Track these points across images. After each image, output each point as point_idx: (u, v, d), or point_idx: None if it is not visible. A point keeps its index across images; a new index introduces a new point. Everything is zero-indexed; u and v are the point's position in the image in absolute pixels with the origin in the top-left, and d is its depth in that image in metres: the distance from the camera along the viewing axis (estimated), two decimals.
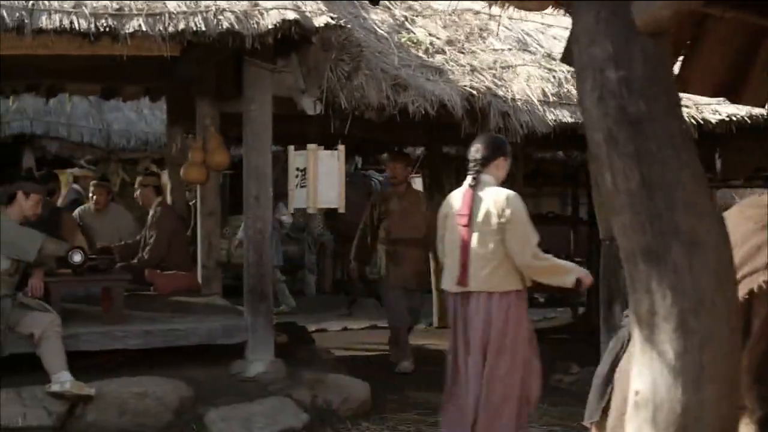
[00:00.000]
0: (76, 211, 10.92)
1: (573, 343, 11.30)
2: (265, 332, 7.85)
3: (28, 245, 7.41)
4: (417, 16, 9.03)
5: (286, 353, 8.17)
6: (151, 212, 10.13)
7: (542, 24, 9.67)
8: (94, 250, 9.66)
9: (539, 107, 8.02)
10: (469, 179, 6.15)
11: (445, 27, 8.93)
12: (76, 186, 14.55)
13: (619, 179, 2.69)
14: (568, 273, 6.25)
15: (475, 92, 7.82)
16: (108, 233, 10.59)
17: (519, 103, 7.96)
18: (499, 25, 8.89)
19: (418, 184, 12.66)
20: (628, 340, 3.70)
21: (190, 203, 11.28)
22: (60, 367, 7.08)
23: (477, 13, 9.40)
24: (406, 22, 8.80)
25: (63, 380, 6.99)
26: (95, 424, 7.04)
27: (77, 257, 7.54)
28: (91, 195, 10.90)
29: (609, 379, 4.03)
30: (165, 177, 11.14)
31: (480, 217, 6.06)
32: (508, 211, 6.01)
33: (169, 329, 7.76)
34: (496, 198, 6.06)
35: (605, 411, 4.01)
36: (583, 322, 12.92)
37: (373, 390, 8.00)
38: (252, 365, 7.77)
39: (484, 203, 6.07)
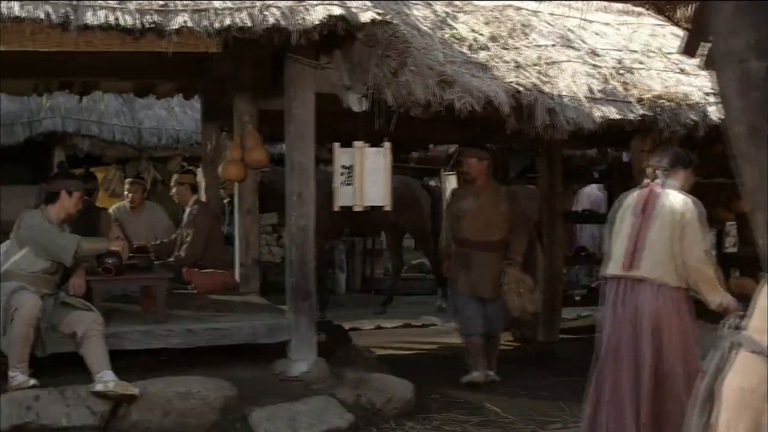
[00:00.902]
0: (112, 209, 10.86)
1: None
2: (308, 331, 7.78)
3: (64, 249, 7.34)
4: (458, 12, 8.94)
5: (326, 352, 8.09)
6: (187, 210, 10.07)
7: (584, 20, 9.56)
8: (130, 248, 9.60)
9: (585, 104, 7.91)
10: (655, 181, 6.45)
11: (487, 23, 8.83)
12: None
13: (762, 174, 2.56)
14: (718, 293, 6.20)
15: (521, 89, 7.71)
16: (143, 231, 10.52)
17: (565, 100, 7.85)
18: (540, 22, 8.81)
19: (452, 182, 12.57)
20: (729, 352, 3.61)
21: (224, 201, 11.20)
22: (103, 367, 7.02)
23: (518, 9, 9.31)
24: (448, 18, 8.70)
25: (106, 380, 6.93)
26: (139, 424, 6.98)
27: (111, 260, 7.47)
28: (126, 193, 10.82)
29: (710, 395, 3.91)
30: (199, 175, 11.08)
31: (660, 212, 6.25)
32: (688, 214, 6.18)
33: (212, 328, 7.69)
34: (677, 200, 6.27)
35: (706, 427, 3.90)
36: None
37: (416, 389, 7.91)
38: (295, 364, 7.70)
39: (667, 202, 6.27)
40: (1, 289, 7.22)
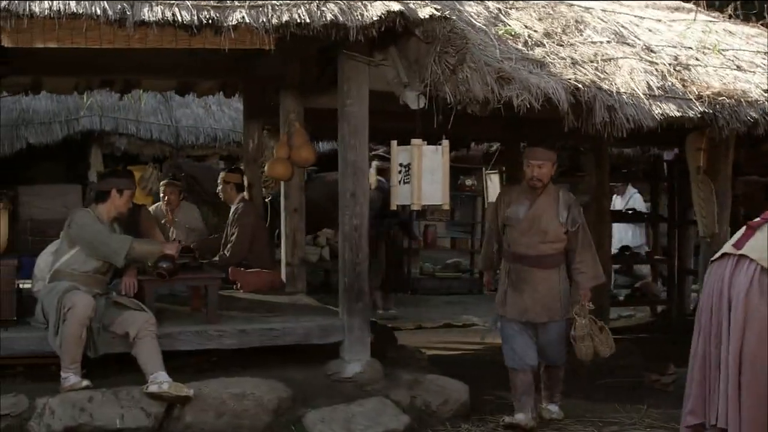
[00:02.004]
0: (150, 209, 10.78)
1: (660, 342, 11.05)
2: (361, 332, 7.67)
3: (116, 251, 7.24)
4: (510, 8, 8.82)
5: (375, 353, 7.97)
6: (232, 209, 9.99)
7: (635, 16, 9.43)
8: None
9: (645, 101, 7.77)
10: None
11: (540, 19, 8.70)
12: None
13: None
14: None
15: (580, 86, 7.58)
16: (181, 232, 10.46)
17: (624, 97, 7.71)
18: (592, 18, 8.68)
19: (494, 180, 12.48)
20: None
21: (267, 200, 11.12)
22: (157, 368, 6.94)
23: (570, 5, 9.18)
24: (500, 15, 8.58)
25: (160, 381, 6.84)
26: (193, 426, 6.90)
27: (165, 264, 7.38)
28: (162, 194, 10.74)
29: None
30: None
31: None
32: None
33: (265, 329, 7.61)
34: None
35: None
36: (664, 321, 12.69)
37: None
38: (348, 365, 7.60)
39: None
40: (53, 289, 7.15)
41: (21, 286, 7.76)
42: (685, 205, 12.44)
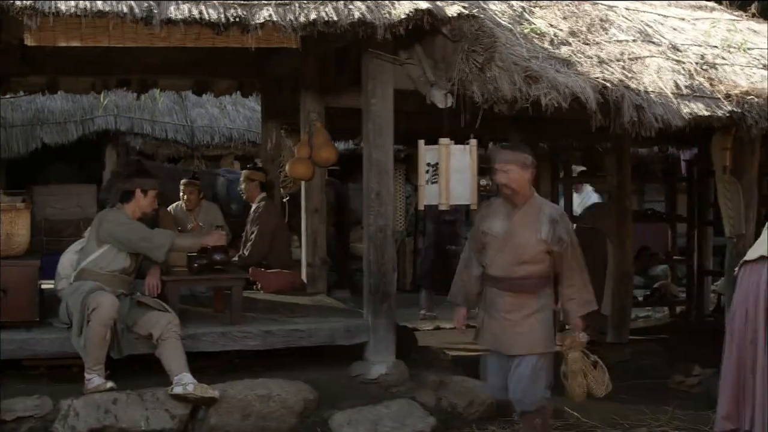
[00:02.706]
0: (168, 209, 10.72)
1: (680, 343, 10.97)
2: (386, 333, 7.62)
3: (159, 246, 7.22)
4: (534, 6, 8.75)
5: (398, 354, 7.91)
6: (253, 207, 9.93)
7: (659, 15, 9.35)
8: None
9: (673, 100, 7.70)
10: None
11: (564, 18, 8.63)
12: None
13: None
14: None
15: (608, 84, 7.50)
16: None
17: (652, 96, 7.64)
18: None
19: None
20: None
21: (284, 200, 11.06)
22: (181, 369, 6.88)
23: (594, 3, 9.10)
24: (525, 13, 8.51)
25: (185, 382, 6.78)
26: (217, 428, 6.84)
27: (220, 257, 7.34)
28: (181, 194, 10.65)
29: None
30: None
31: None
32: None
33: (290, 330, 7.55)
34: None
35: None
36: (683, 322, 12.61)
37: None
38: (374, 367, 7.54)
39: None
40: (78, 289, 7.09)
41: (42, 286, 7.70)
42: (704, 205, 12.39)
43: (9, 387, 6.95)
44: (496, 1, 8.51)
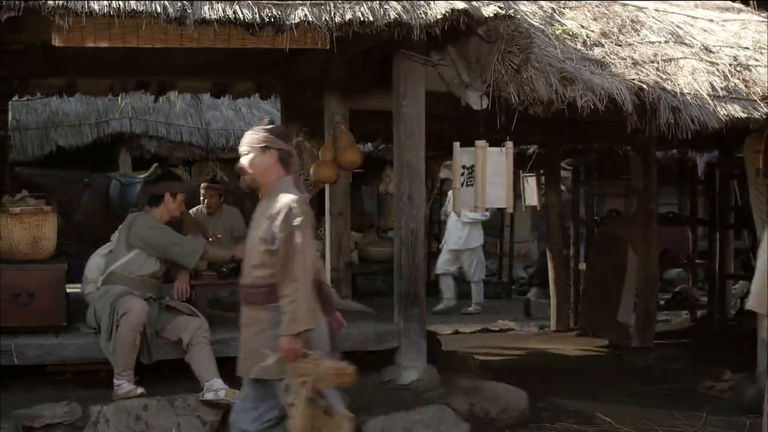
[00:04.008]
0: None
1: (703, 347, 10.89)
2: (418, 338, 7.53)
3: (191, 252, 7.12)
4: (564, 8, 8.66)
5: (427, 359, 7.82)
6: None
7: (688, 16, 9.26)
8: None
9: (709, 102, 7.61)
10: None
11: (595, 19, 8.55)
12: None
13: None
14: None
15: (644, 86, 7.41)
16: (221, 236, 10.21)
17: (688, 98, 7.55)
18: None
19: (531, 183, 12.30)
20: None
21: None
22: (212, 375, 6.78)
23: (624, 4, 9.01)
24: (555, 14, 8.42)
25: (216, 388, 6.68)
26: None
27: None
28: (202, 198, 10.50)
29: None
30: None
31: None
32: None
33: None
34: None
35: None
36: (704, 325, 12.52)
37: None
38: (405, 372, 7.45)
39: None
40: (106, 293, 7.00)
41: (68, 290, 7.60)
42: (726, 208, 12.30)
43: (35, 393, 6.87)
44: (526, 2, 8.42)
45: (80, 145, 14.40)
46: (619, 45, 8.12)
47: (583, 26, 8.30)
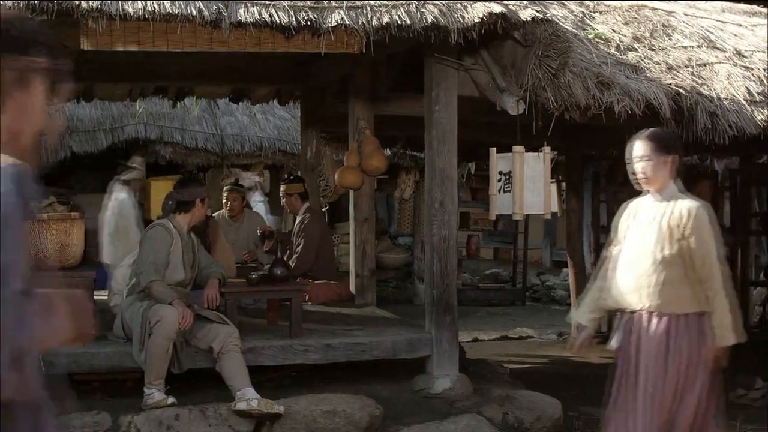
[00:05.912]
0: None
1: (731, 354, 10.73)
2: (450, 346, 7.42)
3: (143, 273, 6.87)
4: (594, 12, 8.56)
5: None
6: (297, 219, 9.68)
7: (717, 21, 9.16)
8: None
9: (747, 107, 7.50)
10: None
11: (626, 23, 8.45)
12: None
13: None
14: None
15: (681, 91, 7.30)
16: (243, 240, 10.08)
17: (725, 103, 7.45)
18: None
19: (552, 190, 12.16)
20: None
21: (323, 209, 10.84)
22: (243, 384, 6.67)
23: (654, 8, 8.91)
24: (586, 18, 8.32)
25: (249, 397, 6.57)
26: None
27: (279, 270, 7.13)
28: (224, 201, 10.35)
29: None
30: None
31: None
32: None
33: (351, 343, 7.33)
34: None
35: None
36: None
37: None
38: (437, 381, 7.34)
39: None
40: (135, 302, 6.88)
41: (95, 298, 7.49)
42: (747, 214, 12.18)
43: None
44: (556, 5, 8.32)
45: (95, 150, 14.28)
46: (652, 49, 8.01)
47: (614, 30, 8.20)
